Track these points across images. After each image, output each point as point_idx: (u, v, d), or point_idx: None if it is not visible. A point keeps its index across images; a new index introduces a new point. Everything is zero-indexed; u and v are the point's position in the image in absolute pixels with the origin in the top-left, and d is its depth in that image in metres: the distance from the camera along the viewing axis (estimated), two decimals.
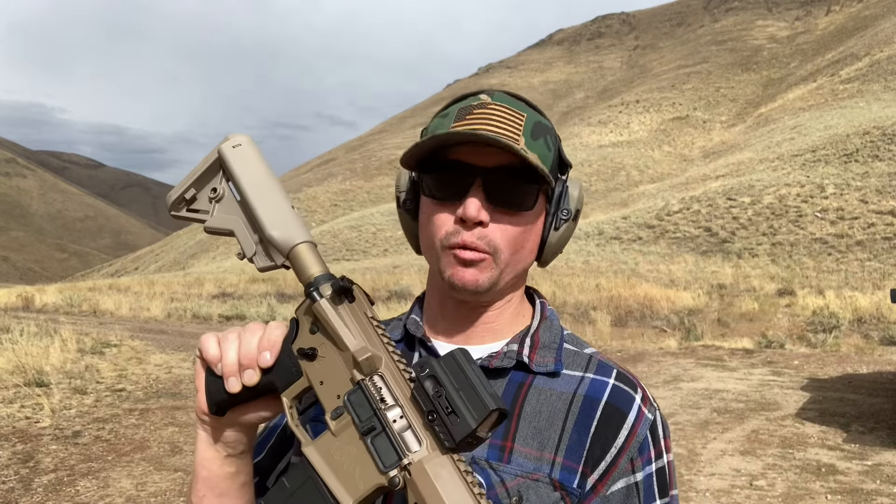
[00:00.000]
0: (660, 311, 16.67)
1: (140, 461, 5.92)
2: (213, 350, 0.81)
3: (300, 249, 0.81)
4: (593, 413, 0.90)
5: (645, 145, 73.06)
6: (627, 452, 0.89)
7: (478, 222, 0.87)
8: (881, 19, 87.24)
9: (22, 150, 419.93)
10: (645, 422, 0.91)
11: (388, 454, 0.71)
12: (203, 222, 0.87)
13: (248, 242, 0.84)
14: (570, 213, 0.95)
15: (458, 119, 0.88)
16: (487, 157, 0.87)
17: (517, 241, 0.90)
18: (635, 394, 0.93)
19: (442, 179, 0.89)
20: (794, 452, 6.20)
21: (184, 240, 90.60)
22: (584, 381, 0.92)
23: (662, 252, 28.43)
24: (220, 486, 0.85)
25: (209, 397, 0.82)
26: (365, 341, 0.76)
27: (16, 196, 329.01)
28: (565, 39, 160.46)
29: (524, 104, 0.92)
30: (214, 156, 0.87)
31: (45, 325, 13.08)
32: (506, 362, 0.91)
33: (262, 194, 0.84)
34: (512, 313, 0.97)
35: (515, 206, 0.89)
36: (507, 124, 0.87)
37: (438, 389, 0.70)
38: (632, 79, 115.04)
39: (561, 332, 0.98)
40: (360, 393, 0.74)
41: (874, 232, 25.21)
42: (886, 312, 14.32)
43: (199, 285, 26.77)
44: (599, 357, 0.97)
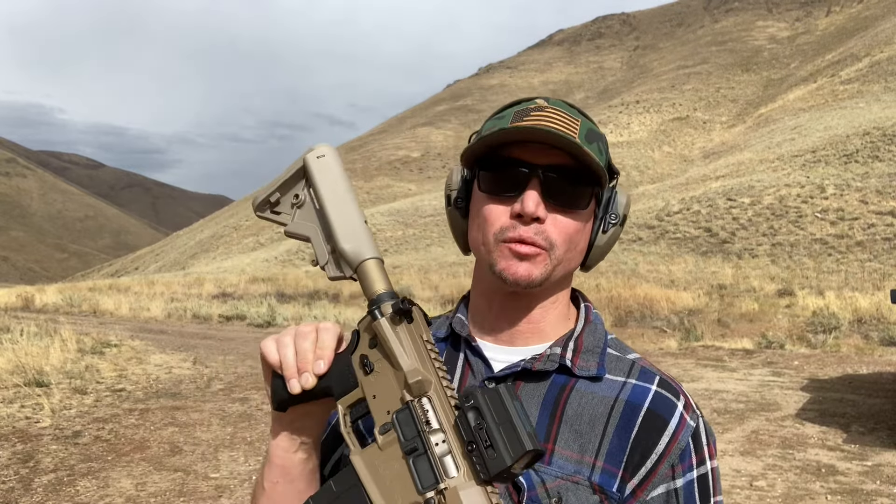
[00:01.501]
0: (660, 312, 16.67)
1: (140, 461, 5.92)
2: (272, 355, 0.86)
3: (368, 265, 0.86)
4: (635, 418, 0.90)
5: (645, 146, 73.08)
6: (668, 459, 0.90)
7: (535, 218, 0.88)
8: (881, 20, 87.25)
9: (22, 150, 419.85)
10: (687, 429, 0.91)
11: (426, 476, 0.74)
12: (284, 225, 0.92)
13: (323, 251, 0.89)
14: (618, 217, 0.97)
15: (514, 120, 0.90)
16: (544, 156, 0.89)
17: (572, 238, 0.92)
18: (677, 401, 0.93)
19: (500, 175, 0.91)
20: (794, 453, 6.20)
21: (184, 240, 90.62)
22: (626, 386, 0.93)
23: (662, 252, 28.43)
24: (293, 472, 0.91)
25: (273, 395, 0.88)
26: (418, 363, 0.79)
27: (16, 196, 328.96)
28: (565, 40, 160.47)
29: (577, 111, 0.95)
30: (299, 164, 0.92)
31: (45, 325, 13.08)
32: (548, 365, 0.92)
33: (338, 206, 0.88)
34: (557, 315, 0.98)
35: (571, 204, 0.91)
36: (565, 126, 0.89)
37: (480, 422, 0.72)
38: (632, 79, 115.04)
39: (605, 336, 0.98)
40: (408, 413, 0.77)
41: (874, 232, 25.21)
42: (886, 313, 14.31)
43: (199, 285, 26.78)
44: (643, 363, 0.97)
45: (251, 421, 7.29)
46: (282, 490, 0.91)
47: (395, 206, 56.46)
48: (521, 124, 0.88)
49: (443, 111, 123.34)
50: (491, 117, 0.96)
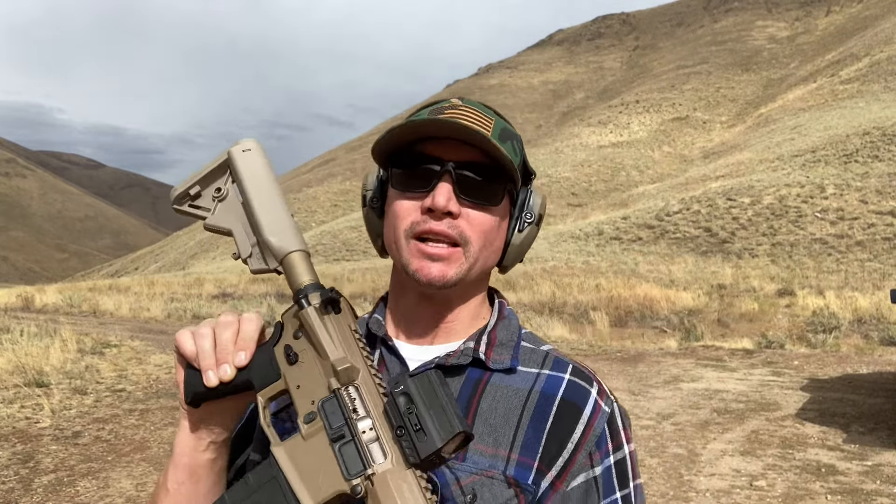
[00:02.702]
0: (660, 312, 16.67)
1: (140, 461, 5.92)
2: (188, 345, 0.83)
3: (294, 257, 0.84)
4: (549, 408, 0.90)
5: (645, 146, 73.07)
6: (585, 447, 0.89)
7: (447, 213, 0.88)
8: (881, 19, 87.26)
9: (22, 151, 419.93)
10: (602, 415, 0.91)
11: (353, 463, 0.73)
12: (204, 219, 0.91)
13: (245, 244, 0.88)
14: (533, 216, 0.96)
15: (429, 116, 0.90)
16: (457, 152, 0.89)
17: (487, 234, 0.91)
18: (591, 387, 0.93)
19: (411, 172, 0.90)
20: (794, 453, 6.20)
21: (184, 240, 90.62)
22: (539, 377, 0.93)
23: (662, 252, 28.43)
24: (199, 472, 0.87)
25: (187, 389, 0.84)
26: (346, 352, 0.78)
27: (16, 196, 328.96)
28: (565, 40, 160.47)
29: (493, 112, 0.95)
30: (224, 157, 0.91)
31: (45, 326, 13.08)
32: (462, 359, 0.91)
33: (263, 199, 0.87)
34: (471, 314, 0.97)
35: (484, 200, 0.90)
36: (477, 123, 0.88)
37: (410, 406, 0.72)
38: (632, 79, 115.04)
39: (519, 331, 0.98)
40: (335, 401, 0.76)
41: (874, 232, 25.21)
42: (886, 313, 14.32)
43: (199, 285, 26.78)
44: (556, 354, 0.97)
45: None
46: (186, 491, 0.87)
47: None
48: (432, 117, 0.88)
49: None
50: (409, 116, 0.95)
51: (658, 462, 5.96)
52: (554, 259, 28.29)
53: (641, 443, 6.52)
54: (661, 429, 7.03)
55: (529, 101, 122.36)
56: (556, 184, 61.37)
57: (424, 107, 0.96)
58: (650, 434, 6.83)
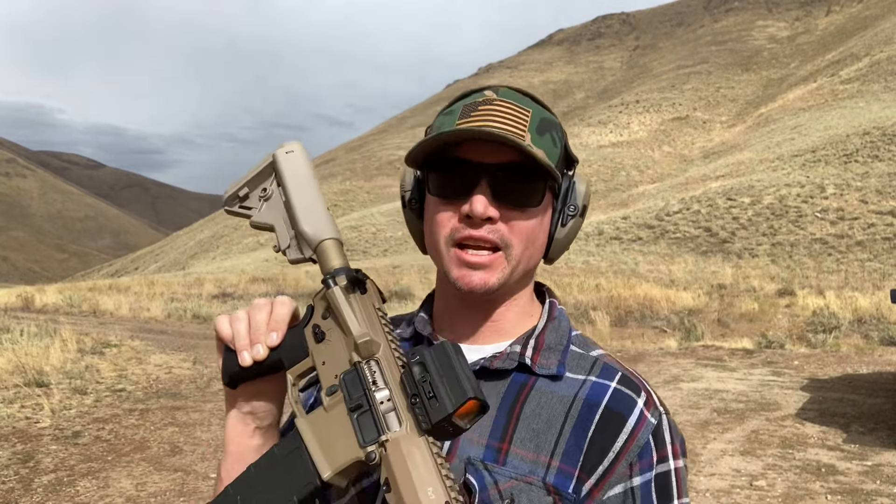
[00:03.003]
0: (660, 312, 16.67)
1: (140, 461, 5.92)
2: (225, 329, 0.87)
3: (326, 244, 0.89)
4: (592, 417, 0.88)
5: (645, 145, 73.07)
6: (626, 457, 0.87)
7: (486, 219, 0.86)
8: (881, 19, 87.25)
9: (22, 151, 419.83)
10: (647, 426, 0.88)
11: (369, 431, 0.76)
12: (250, 217, 0.96)
13: (285, 237, 0.93)
14: (577, 208, 0.94)
15: (462, 116, 0.88)
16: (493, 154, 0.86)
17: (528, 235, 0.89)
18: (638, 397, 0.90)
19: (447, 178, 0.89)
20: (794, 452, 6.20)
21: (184, 240, 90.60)
22: (585, 384, 0.91)
23: (662, 252, 28.43)
24: (248, 459, 0.87)
25: (224, 370, 0.88)
26: (368, 329, 0.81)
27: (16, 196, 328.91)
28: (565, 40, 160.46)
29: (530, 99, 0.91)
30: (269, 159, 0.96)
31: (45, 326, 13.07)
32: (507, 364, 0.90)
33: (301, 193, 0.92)
34: (518, 312, 0.96)
35: (522, 202, 0.88)
36: (512, 120, 0.86)
37: (424, 375, 0.74)
38: (632, 79, 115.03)
39: (568, 333, 0.96)
40: (355, 374, 0.80)
41: (874, 232, 25.21)
42: (886, 313, 14.31)
43: (199, 285, 26.77)
44: (606, 359, 0.95)
45: None
46: None
47: (395, 205, 56.45)
48: (465, 126, 0.86)
49: None
50: (441, 111, 0.94)
51: None
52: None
53: None
54: None
55: None
56: None
57: (458, 99, 0.93)
58: None
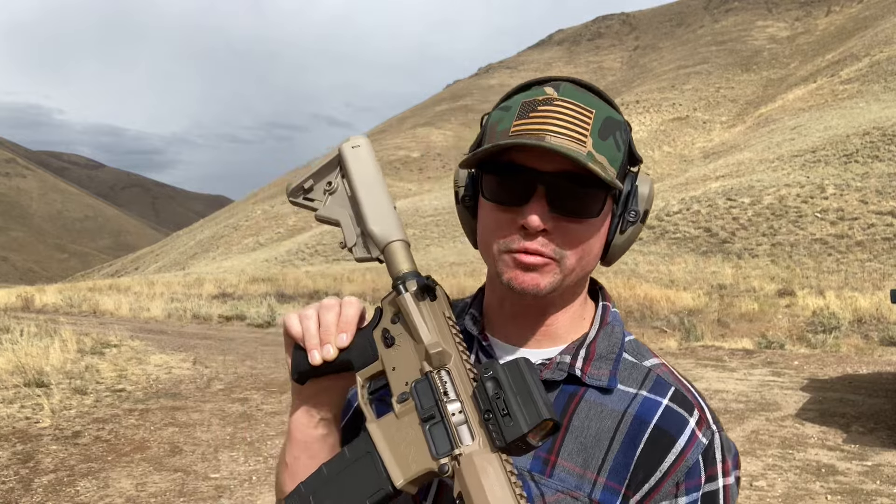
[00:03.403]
0: (660, 312, 16.67)
1: (140, 461, 5.92)
2: (295, 327, 0.87)
3: (395, 246, 0.89)
4: (641, 435, 0.86)
5: (645, 146, 73.05)
6: (673, 476, 0.85)
7: (541, 230, 0.84)
8: (881, 20, 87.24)
9: (22, 151, 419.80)
10: (697, 446, 0.86)
11: (442, 442, 0.76)
12: (315, 210, 0.96)
13: (351, 234, 0.93)
14: (637, 214, 0.90)
15: (520, 116, 0.84)
16: (551, 161, 0.83)
17: (583, 247, 0.87)
18: (690, 416, 0.88)
19: (502, 183, 0.86)
20: (794, 453, 6.20)
21: (184, 240, 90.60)
22: (636, 398, 0.88)
23: (662, 252, 28.43)
24: (313, 448, 0.90)
25: (294, 367, 0.89)
26: (439, 337, 0.81)
27: (16, 196, 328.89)
28: (565, 40, 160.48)
29: (594, 96, 0.88)
30: (335, 153, 0.97)
31: (45, 326, 13.08)
32: (557, 375, 0.89)
33: (369, 192, 0.92)
34: (571, 316, 0.93)
35: (580, 213, 0.85)
36: (573, 125, 0.82)
37: (498, 392, 0.74)
38: (632, 79, 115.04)
39: (621, 340, 0.94)
40: (427, 383, 0.79)
41: (874, 232, 25.20)
42: (886, 313, 14.31)
43: (199, 285, 26.77)
44: (659, 371, 0.92)
45: (251, 421, 7.29)
46: (302, 465, 0.90)
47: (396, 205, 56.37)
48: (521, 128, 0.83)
49: (443, 111, 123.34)
50: (498, 104, 0.90)
51: None
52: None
53: None
54: None
55: None
56: None
57: (516, 90, 0.89)
58: None
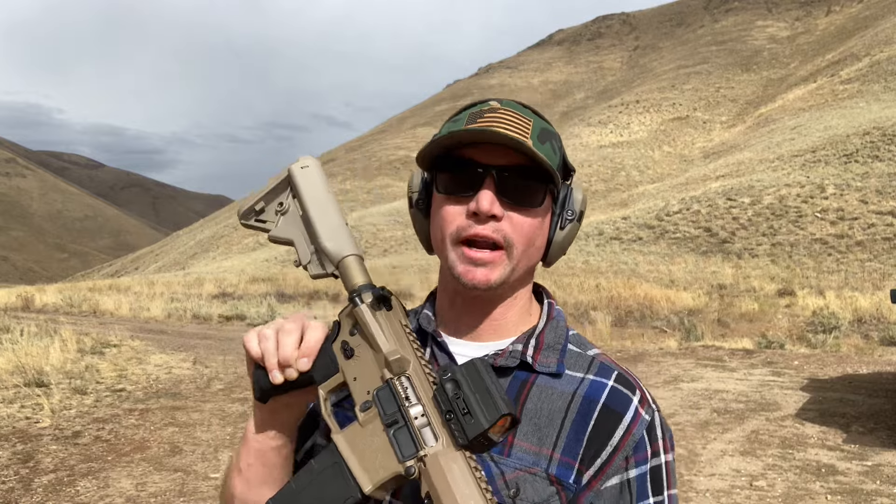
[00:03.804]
0: (660, 312, 16.67)
1: (140, 461, 5.92)
2: (255, 349, 0.90)
3: (349, 261, 0.92)
4: (591, 413, 0.94)
5: (645, 145, 73.05)
6: (623, 451, 0.93)
7: (491, 216, 0.91)
8: (881, 19, 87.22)
9: (22, 150, 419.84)
10: (641, 422, 0.95)
11: (407, 446, 0.79)
12: (268, 231, 0.98)
13: (305, 252, 0.95)
14: (574, 213, 0.99)
15: (469, 122, 0.93)
16: (498, 156, 0.92)
17: (529, 235, 0.94)
18: (633, 395, 0.96)
19: (455, 176, 0.94)
20: (794, 453, 6.20)
21: (184, 240, 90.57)
22: (584, 381, 0.96)
23: (662, 252, 28.43)
24: (268, 456, 0.94)
25: (255, 386, 0.91)
26: (397, 345, 0.85)
27: (16, 196, 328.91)
28: (565, 40, 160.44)
29: (531, 111, 0.98)
30: (284, 174, 0.99)
31: (45, 326, 13.08)
32: (510, 361, 0.95)
33: (320, 210, 0.95)
34: (519, 311, 1.01)
35: (526, 202, 0.93)
36: (516, 127, 0.92)
37: (457, 392, 0.77)
38: (632, 79, 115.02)
39: (566, 333, 1.02)
40: (388, 390, 0.83)
41: (874, 232, 25.21)
42: (886, 313, 14.32)
43: (199, 285, 26.77)
44: (601, 359, 1.00)
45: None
46: (255, 472, 0.95)
47: (395, 206, 56.45)
48: (473, 126, 0.91)
49: (443, 111, 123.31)
50: (448, 120, 0.99)
51: None
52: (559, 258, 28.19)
53: None
54: None
55: (529, 101, 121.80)
56: None
57: (464, 109, 0.99)
58: None
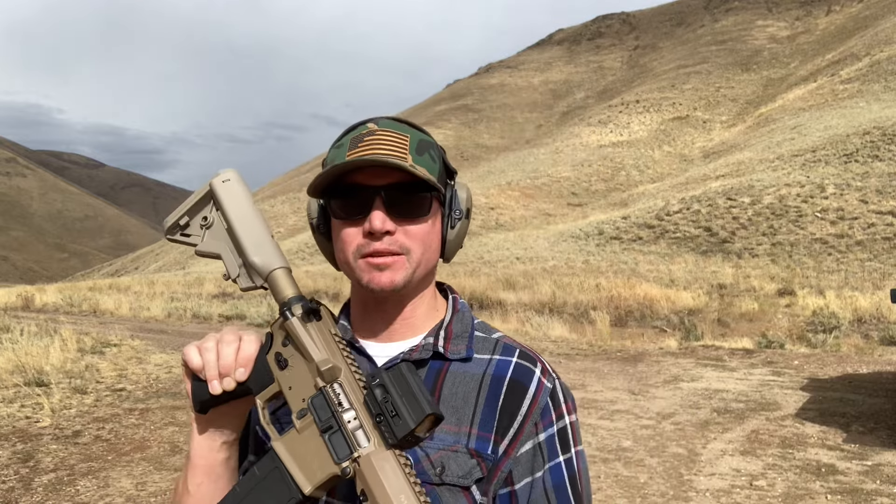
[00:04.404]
0: (660, 311, 16.67)
1: (140, 461, 5.92)
2: (195, 360, 0.94)
3: (277, 274, 0.95)
4: (500, 389, 1.03)
5: (645, 145, 73.05)
6: (532, 418, 1.02)
7: (385, 232, 0.98)
8: (881, 19, 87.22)
9: (22, 150, 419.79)
10: (545, 391, 1.04)
11: (342, 448, 0.85)
12: (195, 246, 1.00)
13: (233, 265, 0.98)
14: (461, 212, 1.07)
15: (351, 148, 1.00)
16: (382, 177, 0.99)
17: (424, 241, 1.02)
18: (535, 368, 1.05)
19: (346, 202, 1.01)
20: (794, 452, 6.20)
21: None
22: (491, 362, 1.05)
23: (662, 252, 28.43)
24: (216, 471, 0.99)
25: (194, 398, 0.95)
26: (328, 354, 0.89)
27: (16, 196, 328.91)
28: (565, 39, 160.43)
29: (407, 125, 1.05)
30: (206, 188, 1.00)
31: (45, 325, 13.08)
32: (424, 354, 1.04)
33: (245, 224, 0.97)
34: (426, 308, 1.09)
35: (414, 213, 1.01)
36: (394, 146, 0.99)
37: (386, 396, 0.83)
38: (632, 79, 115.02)
39: (472, 321, 1.11)
40: (322, 397, 0.87)
41: (874, 232, 25.20)
42: (886, 312, 14.31)
43: (199, 285, 26.77)
44: (505, 340, 1.10)
45: None
46: (206, 490, 0.98)
47: None
48: (354, 156, 0.98)
49: (443, 111, 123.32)
50: (333, 145, 1.05)
51: (658, 462, 5.96)
52: (554, 259, 28.28)
53: (641, 442, 6.52)
54: (661, 428, 7.03)
55: (529, 101, 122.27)
56: (556, 183, 61.36)
57: (345, 133, 1.05)
58: (650, 434, 6.82)
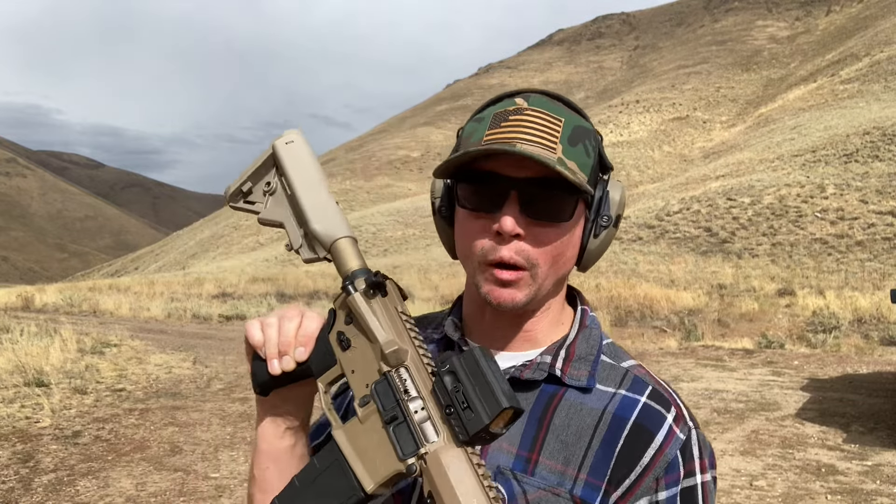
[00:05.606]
0: (660, 312, 16.67)
1: (140, 461, 5.92)
2: (257, 335, 0.87)
3: (341, 244, 0.87)
4: (620, 432, 0.88)
5: (645, 145, 73.06)
6: (653, 472, 0.87)
7: (514, 235, 0.85)
8: (881, 19, 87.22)
9: (22, 150, 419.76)
10: (675, 441, 0.88)
11: (407, 443, 0.76)
12: (258, 214, 0.93)
13: (296, 235, 0.90)
14: (610, 219, 0.92)
15: (492, 126, 0.86)
16: (523, 168, 0.85)
17: (555, 253, 0.88)
18: (667, 413, 0.90)
19: (476, 191, 0.87)
20: (794, 452, 6.20)
21: (184, 240, 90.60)
22: (615, 397, 0.90)
23: (662, 252, 28.43)
24: (281, 459, 0.90)
25: (254, 378, 0.88)
26: (394, 335, 0.80)
27: (16, 196, 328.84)
28: (565, 39, 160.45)
29: (563, 106, 0.89)
30: (269, 151, 0.93)
31: (45, 325, 13.08)
32: (537, 374, 0.90)
33: (308, 190, 0.89)
34: (550, 321, 0.95)
35: (552, 217, 0.87)
36: (543, 132, 0.84)
37: (457, 385, 0.74)
38: (632, 79, 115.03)
39: (599, 342, 0.96)
40: (386, 384, 0.79)
41: (874, 232, 25.20)
42: (886, 313, 14.30)
43: (199, 285, 26.76)
44: (636, 371, 0.95)
45: (251, 421, 7.28)
46: (271, 476, 0.90)
47: (395, 205, 56.46)
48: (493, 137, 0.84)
49: (443, 111, 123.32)
50: (472, 117, 0.92)
51: None
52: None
53: None
54: None
55: None
56: None
57: (489, 104, 0.92)
58: None
